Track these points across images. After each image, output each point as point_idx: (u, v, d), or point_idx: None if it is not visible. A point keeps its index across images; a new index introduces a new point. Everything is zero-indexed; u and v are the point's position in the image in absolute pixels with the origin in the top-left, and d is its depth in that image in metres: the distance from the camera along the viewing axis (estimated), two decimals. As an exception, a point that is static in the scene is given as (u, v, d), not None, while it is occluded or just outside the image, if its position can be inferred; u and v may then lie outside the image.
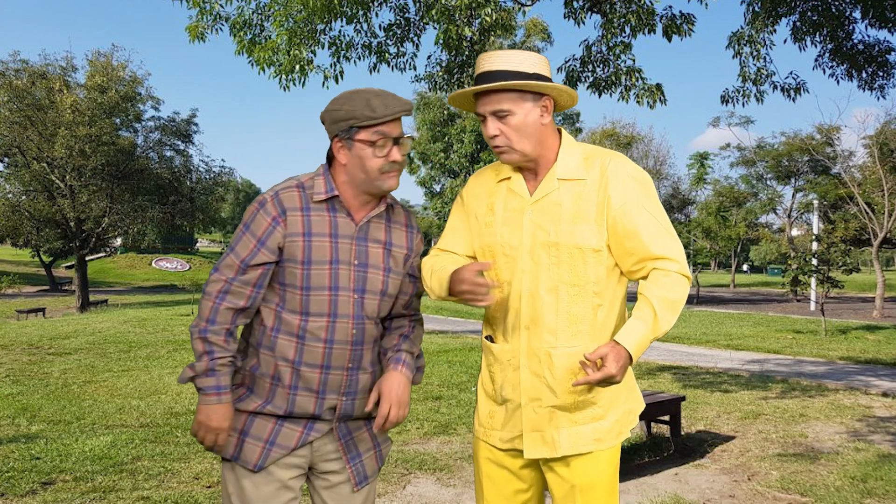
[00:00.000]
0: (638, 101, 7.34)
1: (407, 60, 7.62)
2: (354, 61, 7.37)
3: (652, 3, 7.19)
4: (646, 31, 7.27)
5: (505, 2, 7.38)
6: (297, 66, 6.64)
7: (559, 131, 2.10)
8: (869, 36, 8.56)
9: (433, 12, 6.60)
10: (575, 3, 7.71)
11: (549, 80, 2.04)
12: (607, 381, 1.86)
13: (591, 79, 7.69)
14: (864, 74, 8.60)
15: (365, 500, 2.19)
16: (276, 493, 2.06)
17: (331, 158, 2.10)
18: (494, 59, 2.01)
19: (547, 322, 2.02)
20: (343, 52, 7.24)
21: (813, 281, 21.75)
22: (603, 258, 2.02)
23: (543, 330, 2.02)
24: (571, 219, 2.01)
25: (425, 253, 2.30)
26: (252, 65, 6.88)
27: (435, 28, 6.92)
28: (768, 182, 37.27)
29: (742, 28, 8.02)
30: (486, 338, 2.19)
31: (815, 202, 30.52)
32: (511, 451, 2.13)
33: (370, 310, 2.09)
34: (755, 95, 7.98)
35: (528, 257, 2.04)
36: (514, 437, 2.10)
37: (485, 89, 1.99)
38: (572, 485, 2.06)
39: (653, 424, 6.24)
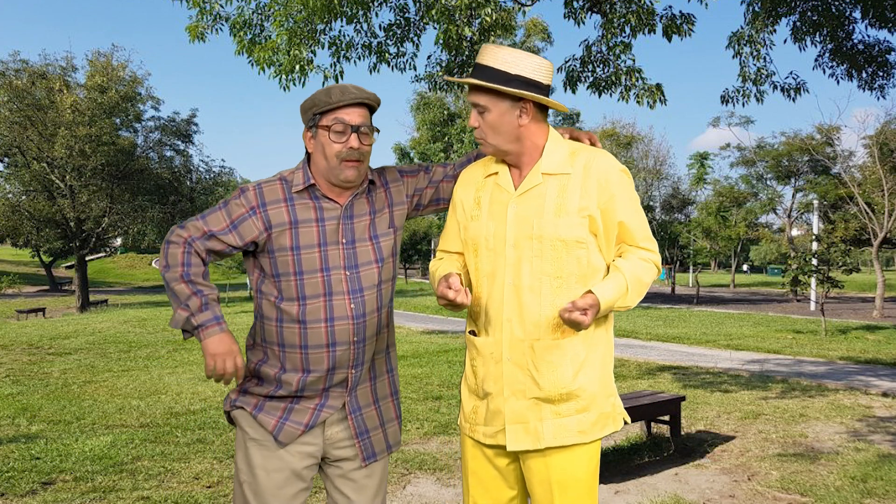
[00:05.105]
0: (638, 101, 7.33)
1: (407, 60, 7.61)
2: (354, 61, 7.36)
3: (652, 3, 7.18)
4: (646, 31, 7.25)
5: (505, 2, 7.38)
6: (297, 66, 6.64)
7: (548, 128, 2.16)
8: (869, 36, 8.54)
9: (433, 12, 6.59)
10: (575, 3, 7.70)
11: (538, 84, 2.05)
12: (573, 323, 1.92)
13: (591, 79, 7.67)
14: (864, 74, 8.59)
15: (379, 485, 2.22)
16: (287, 481, 2.11)
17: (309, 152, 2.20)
18: (488, 55, 2.08)
19: (530, 314, 2.05)
20: (343, 52, 7.23)
21: (813, 281, 21.73)
22: (586, 250, 2.05)
23: (527, 322, 2.05)
24: (555, 212, 2.05)
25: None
26: (252, 65, 6.87)
27: (435, 28, 6.91)
28: (768, 182, 37.26)
29: (742, 28, 8.01)
30: (470, 332, 2.20)
31: (815, 202, 30.51)
32: (496, 448, 2.13)
33: (368, 282, 2.15)
34: (755, 95, 7.96)
35: (511, 250, 2.07)
36: (496, 431, 2.11)
37: (461, 82, 2.11)
38: (550, 481, 2.06)
39: (653, 424, 6.24)
